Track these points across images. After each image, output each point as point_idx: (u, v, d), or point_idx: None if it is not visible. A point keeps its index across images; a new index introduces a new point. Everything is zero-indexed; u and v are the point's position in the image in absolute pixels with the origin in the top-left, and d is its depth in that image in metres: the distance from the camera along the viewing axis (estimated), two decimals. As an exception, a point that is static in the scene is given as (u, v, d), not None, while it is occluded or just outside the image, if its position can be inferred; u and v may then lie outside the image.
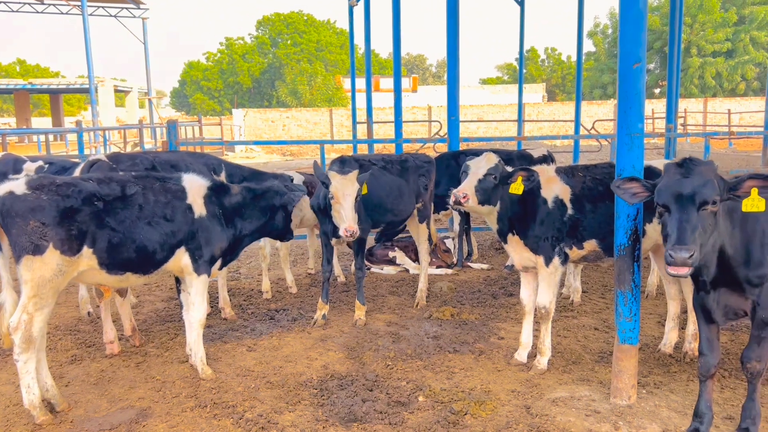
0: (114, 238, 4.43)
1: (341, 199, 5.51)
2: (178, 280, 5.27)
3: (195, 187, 4.97)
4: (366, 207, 6.20)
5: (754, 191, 3.51)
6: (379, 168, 6.58)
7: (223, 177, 6.78)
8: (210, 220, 4.95)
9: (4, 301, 4.31)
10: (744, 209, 3.55)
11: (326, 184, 5.65)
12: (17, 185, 4.20)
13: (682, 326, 5.54)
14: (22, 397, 4.25)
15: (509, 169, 4.97)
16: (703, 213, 3.43)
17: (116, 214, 4.46)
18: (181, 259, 4.84)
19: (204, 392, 4.73)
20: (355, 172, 5.68)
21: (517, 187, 4.84)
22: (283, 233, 5.66)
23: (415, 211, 7.01)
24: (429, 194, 7.17)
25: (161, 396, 4.70)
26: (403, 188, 6.70)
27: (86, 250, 4.34)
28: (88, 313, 6.61)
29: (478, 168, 4.86)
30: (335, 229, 6.02)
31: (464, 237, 8.77)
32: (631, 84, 4.15)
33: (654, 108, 33.45)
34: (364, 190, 5.81)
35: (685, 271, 3.38)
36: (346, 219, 5.50)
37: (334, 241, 6.26)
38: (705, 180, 3.45)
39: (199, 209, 4.90)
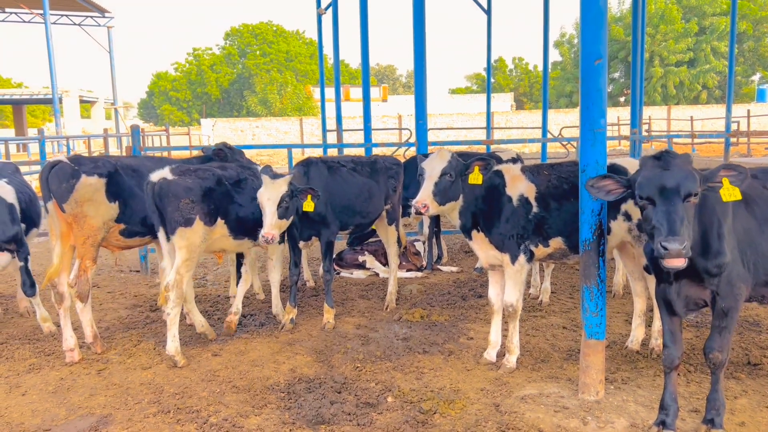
0: (239, 211, 5.54)
1: (262, 203, 5.41)
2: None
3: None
4: (334, 209, 6.15)
5: (726, 181, 3.58)
6: (348, 170, 6.52)
7: None
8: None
9: (165, 267, 5.48)
10: (724, 199, 3.61)
11: None
12: (165, 173, 5.20)
13: (649, 323, 5.59)
14: (167, 344, 5.21)
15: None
16: (687, 204, 3.48)
17: (237, 193, 5.55)
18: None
19: (167, 398, 4.61)
20: (287, 178, 5.51)
21: (475, 177, 4.85)
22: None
23: (384, 213, 6.97)
24: (398, 196, 7.15)
25: (123, 403, 4.56)
26: (373, 189, 6.65)
27: (219, 221, 5.43)
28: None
29: (432, 170, 4.84)
30: (302, 232, 5.96)
31: (434, 240, 8.77)
32: (593, 80, 4.19)
33: (619, 115, 34.10)
34: (311, 205, 5.59)
35: (681, 262, 3.39)
36: (264, 224, 5.36)
37: (301, 244, 6.20)
38: (687, 172, 3.51)
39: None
